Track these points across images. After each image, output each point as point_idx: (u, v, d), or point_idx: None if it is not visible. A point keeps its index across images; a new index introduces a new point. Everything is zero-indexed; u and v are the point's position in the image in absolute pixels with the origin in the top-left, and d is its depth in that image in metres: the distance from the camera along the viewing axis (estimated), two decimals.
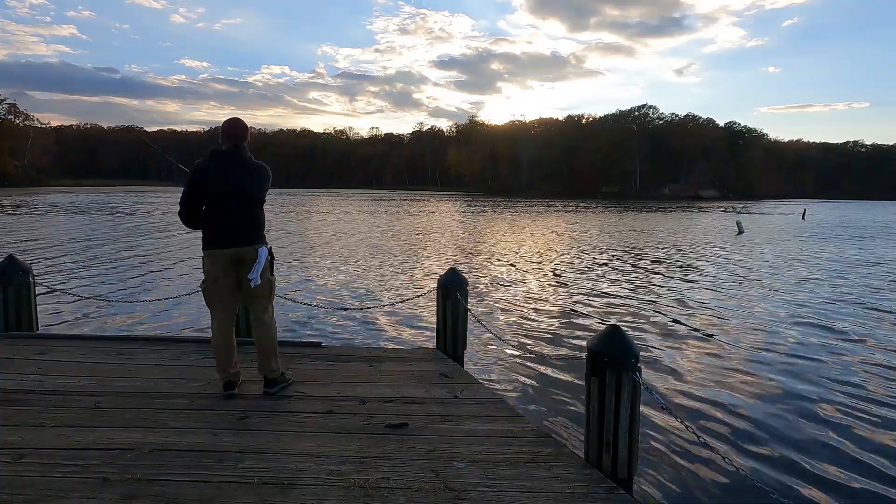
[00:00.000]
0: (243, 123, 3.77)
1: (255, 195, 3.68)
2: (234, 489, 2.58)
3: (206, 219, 3.65)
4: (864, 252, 19.93)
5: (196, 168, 3.63)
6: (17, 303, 5.12)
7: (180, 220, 3.77)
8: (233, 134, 3.67)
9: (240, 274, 3.63)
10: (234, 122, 3.74)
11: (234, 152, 3.64)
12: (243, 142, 3.71)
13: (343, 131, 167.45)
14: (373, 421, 3.40)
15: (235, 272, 3.64)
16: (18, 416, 3.31)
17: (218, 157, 3.63)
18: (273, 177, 3.94)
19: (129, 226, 24.75)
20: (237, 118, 3.77)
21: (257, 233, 3.68)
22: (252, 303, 3.77)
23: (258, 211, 3.71)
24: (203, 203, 3.65)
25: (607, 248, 19.87)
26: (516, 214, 40.99)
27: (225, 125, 3.71)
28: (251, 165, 3.69)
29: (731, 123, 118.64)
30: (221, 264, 3.60)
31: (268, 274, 3.71)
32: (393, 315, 8.75)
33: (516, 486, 2.70)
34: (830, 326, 8.65)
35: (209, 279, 3.65)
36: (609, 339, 2.96)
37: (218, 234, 3.60)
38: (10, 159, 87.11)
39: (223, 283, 3.63)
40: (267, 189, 3.78)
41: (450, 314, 4.86)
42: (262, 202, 3.76)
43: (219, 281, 3.62)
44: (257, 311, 3.77)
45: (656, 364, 6.63)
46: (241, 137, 3.70)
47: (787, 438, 4.73)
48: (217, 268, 3.61)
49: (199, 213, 3.68)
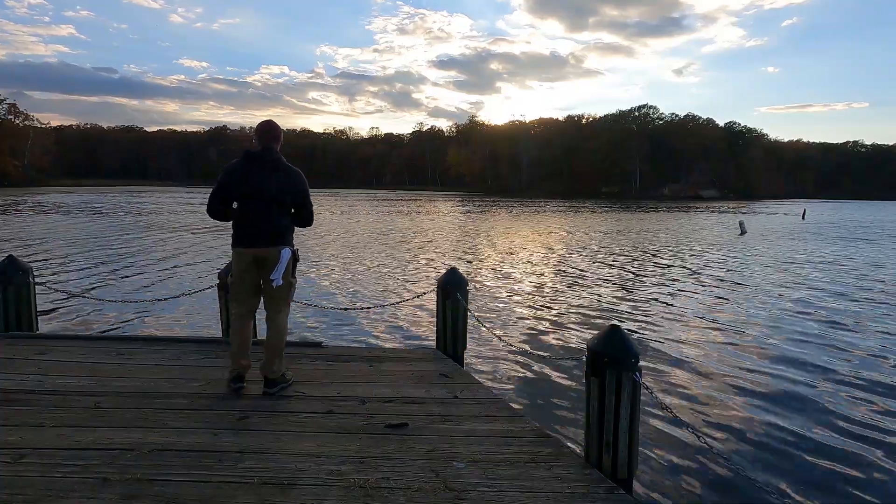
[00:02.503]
0: (274, 125, 3.86)
1: (275, 197, 3.70)
2: (234, 489, 2.58)
3: (234, 218, 3.79)
4: (864, 252, 19.93)
5: (225, 168, 3.78)
6: (17, 303, 5.12)
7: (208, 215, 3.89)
8: (263, 136, 3.79)
9: (261, 273, 3.75)
10: (265, 124, 3.85)
11: (261, 153, 3.73)
12: (274, 143, 3.79)
13: (343, 131, 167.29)
14: (373, 421, 3.40)
15: (257, 271, 3.75)
16: (18, 416, 3.31)
17: (247, 158, 3.75)
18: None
19: (130, 226, 24.75)
20: (270, 120, 3.88)
21: (279, 234, 3.73)
22: (269, 302, 3.85)
23: (281, 213, 3.75)
24: (230, 202, 3.77)
25: (608, 248, 19.87)
26: (516, 214, 40.99)
27: (258, 127, 3.86)
28: (276, 168, 3.73)
29: (731, 123, 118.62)
30: (244, 263, 3.75)
31: (289, 275, 3.79)
32: (393, 315, 8.75)
33: (516, 486, 2.70)
34: (832, 326, 8.65)
35: (235, 275, 3.83)
36: (609, 339, 2.96)
37: (240, 234, 3.74)
38: (10, 159, 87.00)
39: (246, 280, 3.78)
40: (297, 193, 3.79)
41: (450, 314, 4.86)
42: (289, 205, 3.80)
43: (243, 277, 3.78)
44: (272, 311, 3.85)
45: (656, 364, 6.63)
46: (271, 139, 3.79)
47: (788, 438, 4.73)
48: (241, 266, 3.77)
49: (227, 210, 3.80)
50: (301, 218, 3.90)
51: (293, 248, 3.83)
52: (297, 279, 3.96)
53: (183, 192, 74.54)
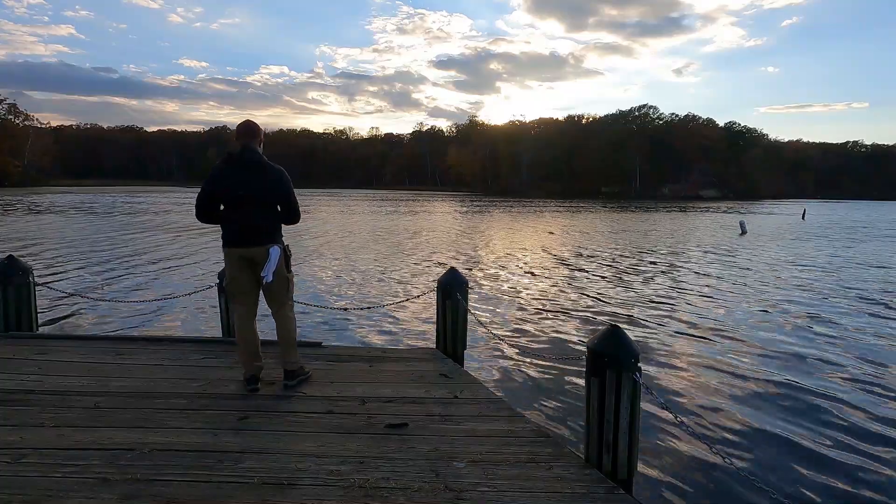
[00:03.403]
0: (252, 124, 3.88)
1: (259, 196, 3.72)
2: (234, 489, 2.58)
3: (221, 219, 3.83)
4: (864, 253, 19.93)
5: (210, 172, 3.81)
6: (17, 303, 5.12)
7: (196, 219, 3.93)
8: (241, 136, 3.82)
9: (254, 272, 3.80)
10: (243, 124, 3.89)
11: (241, 154, 3.74)
12: (252, 141, 3.80)
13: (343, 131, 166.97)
14: (373, 421, 3.40)
15: (250, 269, 3.80)
16: (18, 416, 3.31)
17: (226, 159, 3.77)
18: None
19: (130, 225, 24.75)
20: (248, 120, 3.91)
21: (266, 233, 3.77)
22: (270, 299, 3.92)
23: (266, 212, 3.77)
24: (216, 204, 3.80)
25: (608, 248, 19.87)
26: (516, 215, 40.99)
27: (237, 127, 3.89)
28: (258, 167, 3.74)
29: (731, 123, 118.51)
30: (235, 262, 3.81)
31: (283, 271, 3.85)
32: (393, 315, 8.75)
33: (516, 486, 2.70)
34: (833, 327, 8.65)
35: (228, 275, 3.91)
36: (609, 338, 2.96)
37: (227, 234, 3.79)
38: (11, 159, 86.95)
39: (240, 279, 3.84)
40: (280, 191, 3.80)
41: (450, 314, 4.86)
42: (273, 204, 3.81)
43: (236, 277, 3.84)
44: (275, 307, 3.93)
45: (656, 364, 6.63)
46: (248, 137, 3.80)
47: (788, 438, 4.73)
48: (232, 265, 3.83)
49: (214, 212, 3.82)
50: (287, 215, 3.91)
51: (282, 245, 3.85)
52: (293, 273, 4.02)
53: (182, 192, 74.51)
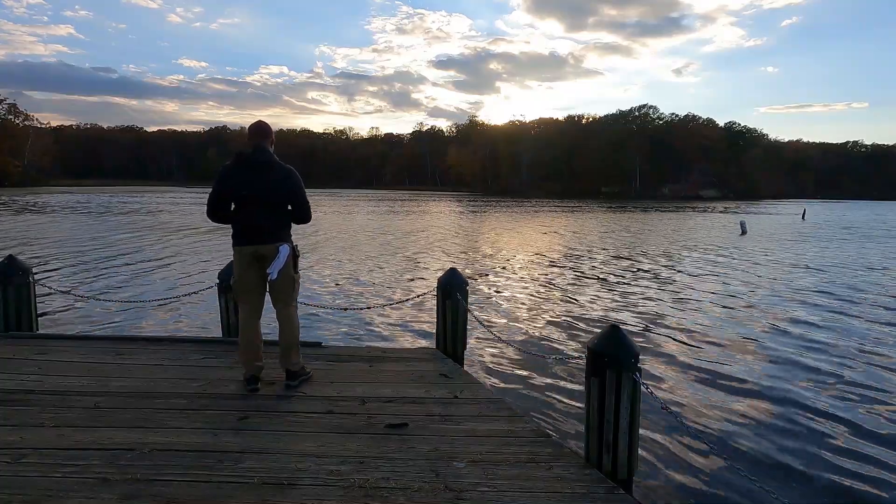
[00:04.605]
0: (264, 124, 3.93)
1: (270, 196, 3.75)
2: (234, 489, 2.58)
3: (232, 218, 3.85)
4: (865, 252, 19.93)
5: (220, 171, 3.84)
6: (17, 303, 5.12)
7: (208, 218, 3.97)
8: (253, 135, 3.87)
9: (263, 269, 3.82)
10: (255, 124, 3.93)
11: (253, 154, 3.78)
12: (263, 141, 3.84)
13: (342, 131, 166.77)
14: (373, 421, 3.40)
15: (259, 268, 3.82)
16: (18, 416, 3.31)
17: (235, 159, 3.81)
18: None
19: (130, 225, 24.75)
20: (260, 120, 3.97)
21: (276, 232, 3.81)
22: (275, 298, 3.94)
23: (277, 211, 3.81)
24: (228, 204, 3.85)
25: (608, 248, 19.87)
26: (516, 215, 40.99)
27: (249, 127, 3.94)
28: (269, 167, 3.77)
29: (731, 123, 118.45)
30: (244, 260, 3.82)
31: (290, 271, 3.87)
32: (393, 315, 8.76)
33: (516, 486, 2.70)
34: (833, 327, 8.65)
35: (236, 273, 3.91)
36: (609, 338, 2.96)
37: (237, 232, 3.82)
38: (10, 159, 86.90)
39: (247, 277, 3.85)
40: (291, 190, 3.82)
41: (450, 314, 4.86)
42: (284, 203, 3.84)
43: (243, 275, 3.85)
44: (279, 306, 3.94)
45: (656, 364, 6.63)
46: (260, 137, 3.85)
47: (788, 439, 4.73)
48: (241, 263, 3.84)
49: (225, 211, 3.86)
50: (297, 214, 3.94)
51: (292, 245, 3.88)
52: (300, 274, 4.03)
53: (182, 192, 74.51)
